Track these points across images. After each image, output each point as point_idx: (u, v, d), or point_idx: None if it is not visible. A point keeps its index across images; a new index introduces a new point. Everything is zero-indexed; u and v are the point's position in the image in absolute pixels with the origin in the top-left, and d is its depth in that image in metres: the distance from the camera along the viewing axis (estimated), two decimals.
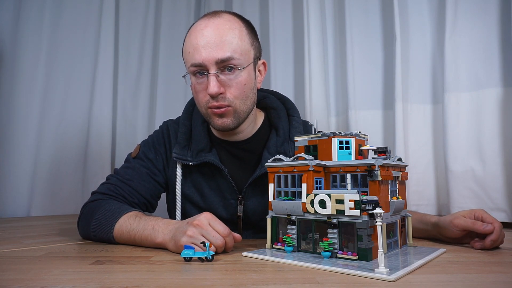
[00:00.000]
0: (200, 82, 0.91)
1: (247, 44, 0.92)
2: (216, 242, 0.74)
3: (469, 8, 1.33)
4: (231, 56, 0.87)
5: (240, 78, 0.90)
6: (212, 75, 0.88)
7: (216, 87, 0.87)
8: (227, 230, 0.76)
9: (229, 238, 0.77)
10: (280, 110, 1.06)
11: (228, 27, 0.89)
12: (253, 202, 1.00)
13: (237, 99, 0.91)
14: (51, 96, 1.88)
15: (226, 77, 0.89)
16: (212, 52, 0.87)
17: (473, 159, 1.29)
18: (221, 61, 0.87)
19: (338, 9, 1.62)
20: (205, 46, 0.87)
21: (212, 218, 0.77)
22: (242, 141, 1.02)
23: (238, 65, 0.89)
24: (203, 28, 0.89)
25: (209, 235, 0.74)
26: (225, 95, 0.90)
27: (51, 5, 1.90)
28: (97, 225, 0.90)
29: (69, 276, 0.61)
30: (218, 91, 0.88)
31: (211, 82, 0.87)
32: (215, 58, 0.87)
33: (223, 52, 0.87)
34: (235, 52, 0.88)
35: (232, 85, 0.90)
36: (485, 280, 0.57)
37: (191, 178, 1.02)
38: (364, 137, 0.82)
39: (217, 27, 0.88)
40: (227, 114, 0.92)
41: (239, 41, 0.90)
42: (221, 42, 0.87)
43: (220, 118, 0.92)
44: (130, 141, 2.02)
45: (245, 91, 0.92)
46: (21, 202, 1.77)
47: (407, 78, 1.44)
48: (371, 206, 0.64)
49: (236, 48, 0.89)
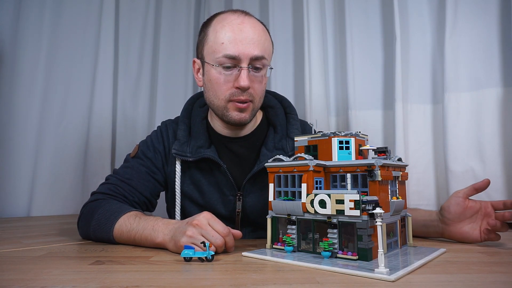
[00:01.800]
0: (228, 74, 0.93)
1: (271, 48, 0.99)
2: (216, 242, 0.74)
3: (469, 8, 1.33)
4: (264, 56, 0.93)
5: (263, 78, 0.96)
6: (245, 69, 0.91)
7: (248, 81, 0.91)
8: (227, 229, 0.77)
9: (229, 238, 0.77)
10: (278, 108, 1.08)
11: (262, 28, 0.96)
12: (251, 198, 1.00)
13: (257, 97, 0.96)
14: (51, 96, 1.88)
15: (254, 74, 0.94)
16: (249, 48, 0.91)
17: (473, 159, 1.29)
18: (255, 58, 0.91)
19: (338, 9, 1.62)
20: (243, 41, 0.91)
21: (212, 217, 0.77)
22: (240, 137, 1.04)
23: (265, 65, 0.95)
24: (239, 23, 0.93)
25: (208, 235, 0.74)
26: (249, 91, 0.93)
27: (51, 5, 1.90)
28: (97, 225, 0.90)
29: (69, 276, 0.61)
30: (249, 84, 0.91)
31: (244, 76, 0.91)
32: (251, 54, 0.91)
33: (258, 50, 0.92)
34: (265, 52, 0.94)
35: (256, 82, 0.94)
36: (485, 280, 0.57)
37: (190, 175, 1.03)
38: (364, 137, 0.82)
39: (253, 26, 0.94)
40: (247, 110, 0.95)
41: (269, 44, 0.97)
42: (258, 40, 0.92)
43: (240, 112, 0.95)
44: (130, 141, 2.02)
45: (263, 90, 0.98)
46: (21, 202, 1.77)
47: (407, 78, 1.44)
48: (371, 206, 0.64)
49: (267, 49, 0.95)
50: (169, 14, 2.13)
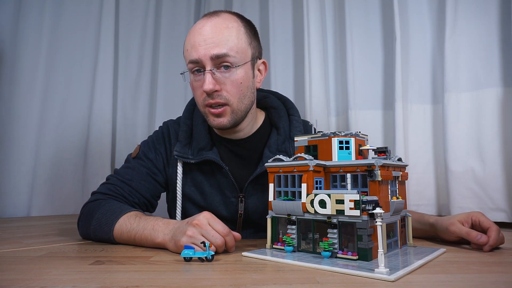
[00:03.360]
0: (197, 79, 0.93)
1: (244, 43, 0.93)
2: (216, 242, 0.74)
3: (469, 8, 1.33)
4: (227, 53, 0.89)
5: (236, 76, 0.91)
6: (207, 72, 0.89)
7: (211, 84, 0.89)
8: (227, 229, 0.76)
9: (229, 238, 0.77)
10: (281, 109, 1.06)
11: (225, 25, 0.91)
12: (253, 200, 1.00)
13: (233, 98, 0.92)
14: (51, 96, 1.88)
15: (222, 74, 0.90)
16: (208, 49, 0.88)
17: (473, 159, 1.29)
18: (216, 57, 0.88)
19: (338, 9, 1.62)
20: (201, 43, 0.89)
21: (212, 217, 0.77)
22: (242, 139, 1.03)
23: (233, 63, 0.90)
24: (201, 27, 0.91)
25: (208, 234, 0.74)
26: (220, 93, 0.91)
27: (51, 5, 1.90)
28: (97, 225, 0.90)
29: (69, 276, 0.61)
30: (212, 88, 0.89)
31: (206, 79, 0.89)
32: (210, 54, 0.88)
33: (218, 48, 0.89)
34: (231, 49, 0.90)
35: (228, 83, 0.91)
36: (485, 280, 0.57)
37: (192, 176, 1.02)
38: (364, 137, 0.82)
39: (214, 25, 0.91)
40: (223, 114, 0.93)
41: (236, 39, 0.91)
42: (217, 39, 0.89)
43: (217, 117, 0.93)
44: (130, 141, 2.03)
45: (241, 89, 0.93)
46: (21, 202, 1.77)
47: (407, 78, 1.44)
48: (371, 206, 0.64)
49: (232, 46, 0.90)
50: (169, 14, 2.13)
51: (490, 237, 0.78)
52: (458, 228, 0.83)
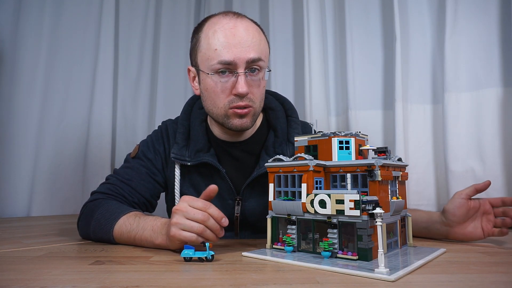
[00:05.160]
0: (225, 81, 0.90)
1: (268, 48, 0.97)
2: (199, 218, 0.73)
3: (469, 8, 1.33)
4: (260, 58, 0.90)
5: (261, 80, 0.93)
6: (242, 75, 0.88)
7: (246, 87, 0.88)
8: (207, 204, 0.76)
9: (212, 210, 0.75)
10: (279, 110, 1.06)
11: (256, 29, 0.93)
12: (251, 203, 0.99)
13: (257, 100, 0.94)
14: (51, 96, 1.88)
15: (251, 78, 0.91)
16: (244, 52, 0.88)
17: (473, 159, 1.29)
18: (252, 61, 0.89)
19: (338, 9, 1.62)
20: (237, 45, 0.88)
21: (190, 199, 0.77)
22: (240, 141, 1.02)
23: (262, 67, 0.92)
24: (232, 27, 0.89)
25: (189, 214, 0.74)
26: (249, 96, 0.91)
27: (51, 5, 1.90)
28: (97, 225, 0.90)
29: (69, 276, 0.61)
30: (247, 91, 0.89)
31: (241, 81, 0.88)
32: (247, 58, 0.88)
33: (254, 52, 0.89)
34: (262, 54, 0.91)
35: (255, 86, 0.92)
36: (485, 280, 0.57)
37: (190, 178, 1.02)
38: (364, 137, 0.82)
39: (247, 28, 0.91)
40: (248, 115, 0.93)
41: (265, 44, 0.94)
42: (253, 43, 0.89)
43: (241, 118, 0.92)
44: (130, 141, 2.02)
45: (262, 93, 0.96)
46: (21, 202, 1.77)
47: (407, 78, 1.44)
48: (371, 206, 0.64)
49: (263, 50, 0.92)
50: (169, 14, 2.13)
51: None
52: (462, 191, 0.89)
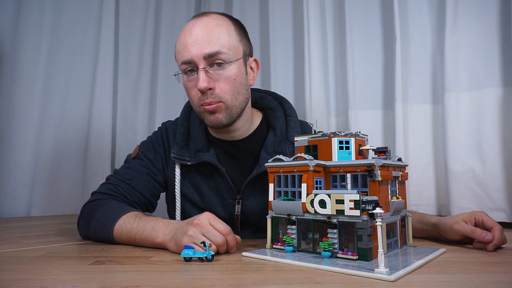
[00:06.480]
0: (191, 79, 0.93)
1: (235, 39, 0.94)
2: (217, 241, 0.74)
3: (469, 8, 1.33)
4: (219, 51, 0.89)
5: (229, 73, 0.91)
6: (201, 70, 0.89)
7: (206, 82, 0.89)
8: (228, 228, 0.76)
9: (230, 237, 0.77)
10: (278, 110, 1.06)
11: (215, 24, 0.92)
12: (251, 201, 1.00)
13: (227, 95, 0.92)
14: (51, 96, 1.88)
15: (215, 72, 0.91)
16: (200, 48, 0.89)
17: (473, 159, 1.29)
18: (209, 55, 0.89)
19: (338, 9, 1.62)
20: (193, 43, 0.89)
21: (213, 217, 0.77)
22: (239, 140, 1.03)
23: (226, 60, 0.91)
24: (191, 27, 0.92)
25: (209, 234, 0.74)
26: (214, 91, 0.91)
27: (51, 5, 1.90)
28: (97, 225, 0.90)
29: (69, 276, 0.61)
30: (207, 85, 0.89)
31: (200, 77, 0.89)
32: (203, 53, 0.89)
33: (210, 47, 0.89)
34: (223, 46, 0.90)
35: (222, 80, 0.91)
36: (485, 280, 0.57)
37: (190, 177, 1.03)
38: (364, 137, 0.82)
39: (204, 25, 0.91)
40: (218, 110, 0.92)
41: (227, 36, 0.92)
42: (209, 38, 0.89)
43: (212, 114, 0.93)
44: (130, 141, 2.02)
45: (235, 86, 0.93)
46: (21, 202, 1.77)
47: (407, 78, 1.44)
48: (371, 206, 0.64)
49: (224, 43, 0.90)
50: (169, 14, 2.13)
51: (494, 236, 0.78)
52: (462, 227, 0.83)
